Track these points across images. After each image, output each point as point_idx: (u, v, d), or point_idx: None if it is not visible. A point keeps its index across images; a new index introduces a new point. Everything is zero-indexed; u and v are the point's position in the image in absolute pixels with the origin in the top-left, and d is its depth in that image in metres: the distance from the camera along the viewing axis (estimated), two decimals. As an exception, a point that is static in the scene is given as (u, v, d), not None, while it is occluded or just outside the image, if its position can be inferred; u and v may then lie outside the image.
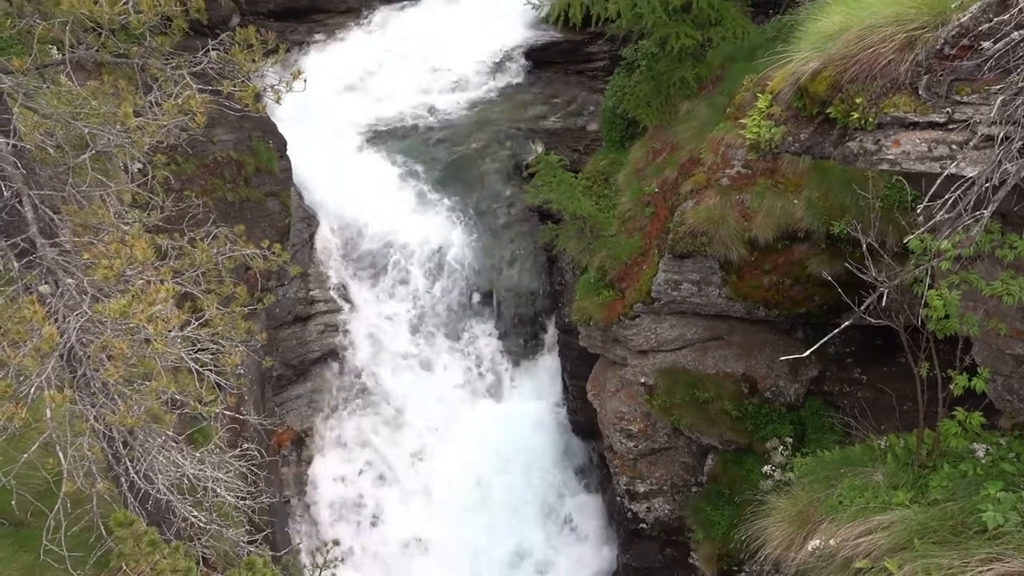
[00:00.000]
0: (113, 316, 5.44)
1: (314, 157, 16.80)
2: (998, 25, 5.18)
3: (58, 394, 5.39)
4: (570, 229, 13.32)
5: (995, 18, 5.20)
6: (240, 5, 18.18)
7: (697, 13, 13.16)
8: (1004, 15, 5.15)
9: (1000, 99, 5.16)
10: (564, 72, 20.83)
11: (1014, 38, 5.10)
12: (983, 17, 5.29)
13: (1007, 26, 5.15)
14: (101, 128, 6.31)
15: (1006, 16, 5.14)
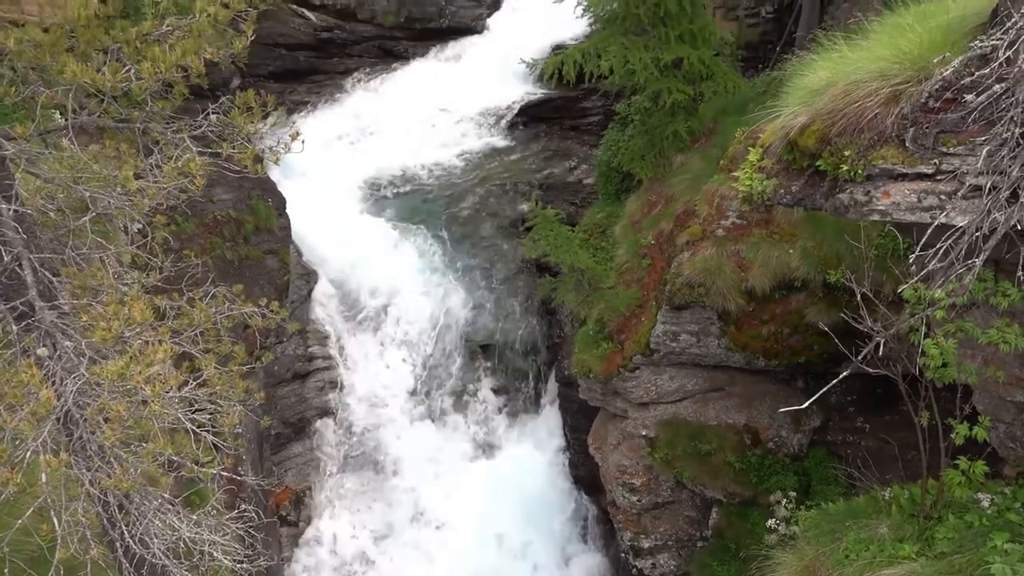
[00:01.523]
0: (111, 378, 5.44)
1: (313, 214, 16.96)
2: (980, 79, 5.30)
3: (54, 458, 5.35)
4: (568, 282, 13.38)
5: (976, 72, 5.32)
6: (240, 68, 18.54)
7: (688, 69, 13.46)
8: (985, 69, 5.27)
9: (986, 150, 5.25)
10: (560, 127, 21.20)
11: (996, 91, 5.21)
12: (965, 71, 5.42)
13: (989, 79, 5.27)
14: (102, 191, 6.40)
15: (987, 70, 5.26)
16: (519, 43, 19.60)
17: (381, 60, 22.25)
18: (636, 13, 13.04)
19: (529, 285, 16.80)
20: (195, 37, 6.18)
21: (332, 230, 17.08)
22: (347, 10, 21.51)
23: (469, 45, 22.29)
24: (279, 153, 6.90)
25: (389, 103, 20.57)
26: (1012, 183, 5.15)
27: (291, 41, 20.80)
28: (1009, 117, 5.16)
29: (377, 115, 20.23)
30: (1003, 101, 5.21)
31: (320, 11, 21.25)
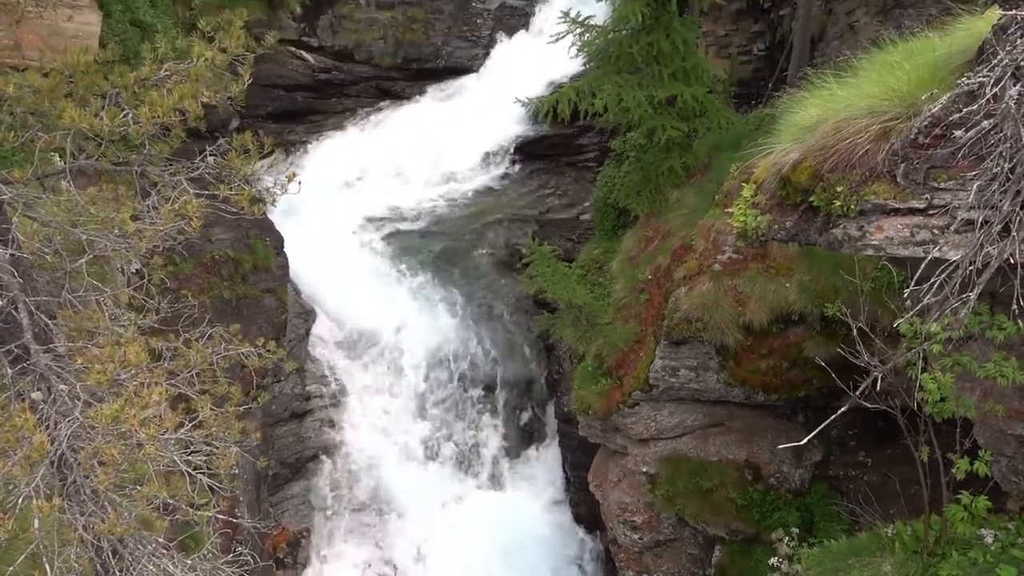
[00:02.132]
0: (105, 421, 5.40)
1: (311, 253, 17.02)
2: (968, 115, 5.36)
3: (47, 503, 5.29)
4: (566, 318, 13.37)
5: (965, 108, 5.38)
6: (239, 109, 18.76)
7: (682, 106, 13.61)
8: (973, 105, 5.34)
9: (976, 184, 5.29)
10: (556, 164, 21.37)
11: (984, 127, 5.27)
12: (953, 107, 5.48)
13: (977, 115, 5.33)
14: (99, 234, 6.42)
15: (975, 106, 5.32)
16: (515, 82, 19.81)
17: (378, 100, 22.49)
18: (629, 52, 13.23)
19: (527, 321, 16.79)
20: (193, 81, 6.25)
21: (330, 268, 17.12)
22: (345, 51, 21.80)
23: (465, 84, 22.55)
24: (276, 194, 6.94)
25: (387, 142, 20.75)
26: (1003, 217, 5.19)
27: (289, 82, 21.04)
28: (998, 152, 5.21)
29: (375, 154, 20.40)
30: (992, 137, 5.27)
31: (318, 53, 21.53)
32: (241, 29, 6.75)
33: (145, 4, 14.95)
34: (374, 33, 22.04)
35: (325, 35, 21.48)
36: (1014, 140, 5.11)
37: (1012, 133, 5.13)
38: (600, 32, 13.75)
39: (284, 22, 20.11)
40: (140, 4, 14.71)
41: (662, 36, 13.09)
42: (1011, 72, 5.22)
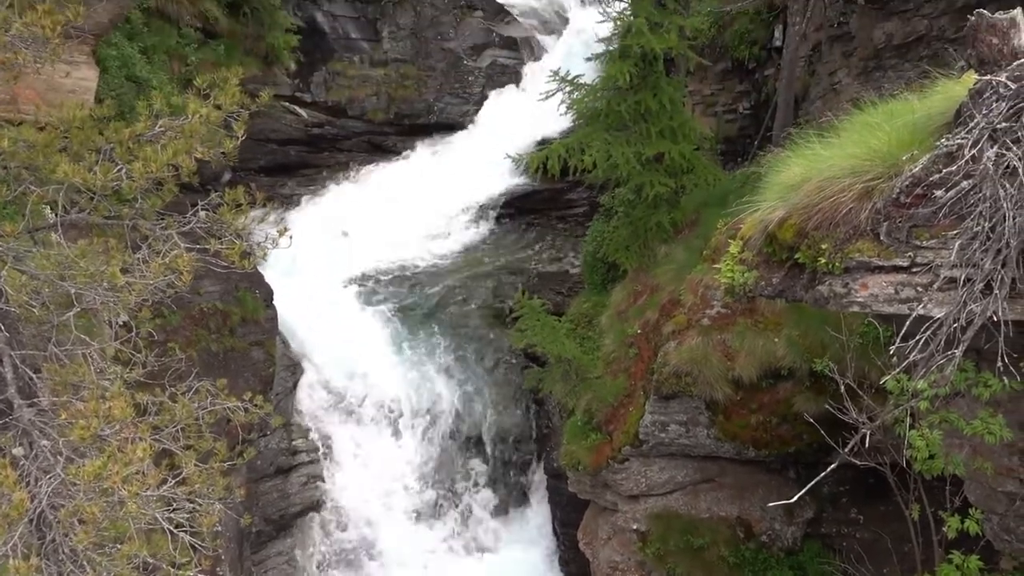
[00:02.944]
0: (87, 478, 5.33)
1: (301, 305, 16.99)
2: (948, 175, 5.47)
3: (24, 563, 5.17)
4: (555, 372, 13.34)
5: (944, 169, 5.50)
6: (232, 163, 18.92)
7: (669, 163, 13.84)
8: (952, 166, 5.45)
9: (958, 243, 5.37)
10: (546, 218, 21.60)
11: (963, 187, 5.38)
12: (933, 168, 5.60)
13: (956, 176, 5.44)
14: (87, 287, 6.42)
15: (954, 167, 5.44)
16: (505, 138, 20.14)
17: (370, 154, 22.80)
18: (618, 110, 13.50)
19: (517, 375, 16.72)
20: (187, 137, 6.34)
21: (319, 321, 17.09)
22: (338, 107, 22.16)
23: (456, 140, 22.90)
24: (267, 249, 6.98)
25: (378, 196, 20.95)
26: (985, 275, 5.25)
27: (282, 136, 21.31)
28: (978, 212, 5.31)
29: (366, 207, 20.57)
30: (971, 197, 5.37)
31: (311, 108, 21.87)
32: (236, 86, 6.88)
33: (141, 60, 15.18)
34: (367, 89, 22.45)
35: (319, 91, 21.86)
36: (993, 200, 5.21)
37: (991, 193, 5.23)
38: (589, 91, 14.05)
39: (279, 78, 20.46)
40: (136, 60, 14.93)
41: (649, 95, 13.38)
42: (988, 134, 5.35)
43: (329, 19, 21.99)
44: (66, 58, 12.46)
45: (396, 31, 22.95)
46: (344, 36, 22.31)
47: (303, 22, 21.05)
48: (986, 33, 5.57)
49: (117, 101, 12.02)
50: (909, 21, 15.24)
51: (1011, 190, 5.15)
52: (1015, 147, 5.21)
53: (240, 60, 17.97)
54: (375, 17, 22.66)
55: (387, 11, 22.71)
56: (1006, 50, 5.55)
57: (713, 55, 18.73)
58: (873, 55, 15.88)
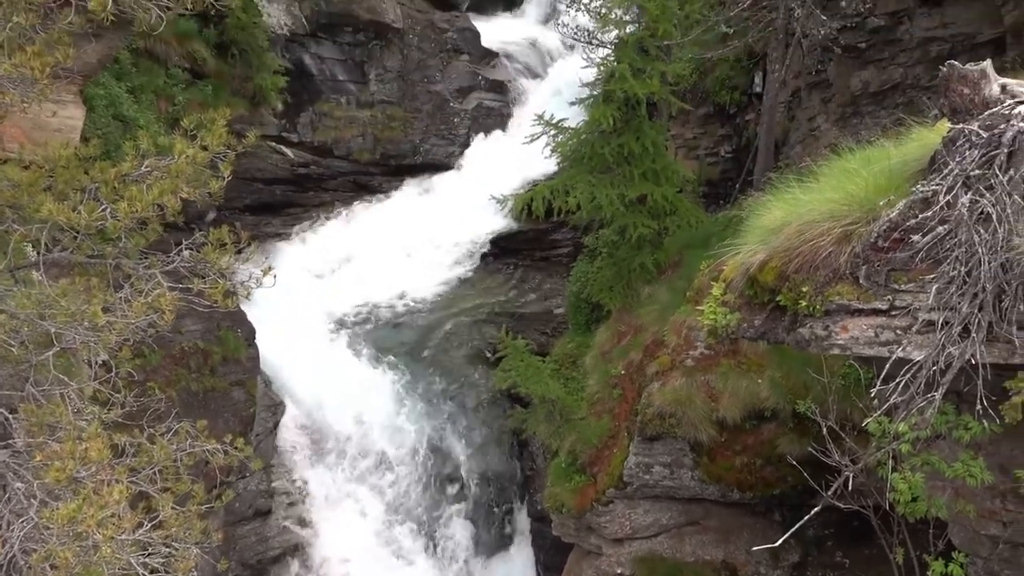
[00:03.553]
0: (61, 522, 5.22)
1: (283, 345, 16.87)
2: (924, 221, 5.57)
3: (-8, 610, 5.04)
4: (539, 413, 13.28)
5: (920, 214, 5.60)
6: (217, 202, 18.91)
7: (652, 205, 14.00)
8: (928, 212, 5.56)
9: (935, 287, 5.46)
10: (530, 259, 21.69)
11: (939, 232, 5.48)
12: (910, 213, 5.70)
13: (932, 221, 5.54)
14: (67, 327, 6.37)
15: (930, 212, 5.55)
16: (490, 179, 20.32)
17: (356, 194, 22.88)
18: (602, 153, 13.68)
19: (500, 415, 16.63)
20: (173, 177, 6.36)
21: (302, 361, 16.96)
22: (324, 147, 22.29)
23: (442, 181, 23.06)
24: (251, 288, 6.96)
25: (362, 236, 20.98)
26: (963, 319, 5.33)
27: (268, 176, 21.35)
28: (954, 256, 5.40)
29: (350, 247, 20.59)
30: (947, 241, 5.47)
31: (298, 148, 21.98)
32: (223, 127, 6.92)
33: (128, 100, 15.26)
34: (353, 130, 22.63)
35: (305, 131, 21.99)
36: (968, 245, 5.31)
37: (966, 239, 5.34)
38: (573, 134, 14.25)
39: (266, 118, 20.58)
40: (124, 99, 15.01)
41: (632, 139, 13.59)
42: (962, 181, 5.48)
43: (317, 61, 22.24)
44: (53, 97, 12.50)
45: (383, 73, 23.23)
46: (331, 78, 22.54)
47: (291, 64, 21.25)
48: (958, 83, 5.73)
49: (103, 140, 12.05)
50: (885, 69, 15.63)
51: (985, 236, 5.26)
52: (988, 194, 5.33)
53: (227, 101, 18.09)
54: (362, 60, 22.94)
55: (374, 54, 23.01)
56: (977, 100, 5.70)
57: (695, 100, 19.08)
58: (851, 102, 16.25)
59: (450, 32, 24.28)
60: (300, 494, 15.79)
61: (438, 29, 24.13)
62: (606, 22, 14.41)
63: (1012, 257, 5.22)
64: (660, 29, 13.49)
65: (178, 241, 7.37)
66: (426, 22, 23.99)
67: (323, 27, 21.90)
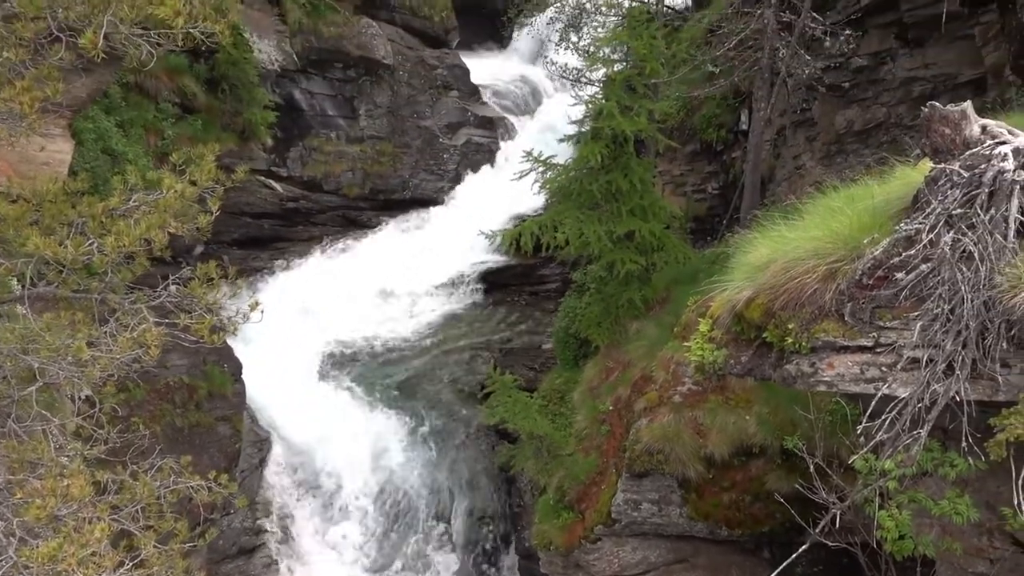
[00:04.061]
0: (41, 561, 5.12)
1: (270, 380, 16.76)
2: (908, 259, 5.64)
3: (-33, 653, 4.92)
4: (527, 449, 13.20)
5: (904, 252, 5.68)
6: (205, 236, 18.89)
7: (640, 241, 14.08)
8: (911, 250, 5.63)
9: (919, 324, 5.51)
10: (519, 293, 21.73)
11: (923, 270, 5.55)
12: (893, 251, 5.78)
13: (916, 259, 5.61)
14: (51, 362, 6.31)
15: (913, 251, 5.62)
16: (479, 214, 20.43)
17: (345, 228, 22.94)
18: (590, 190, 13.79)
19: (488, 452, 16.51)
20: (161, 212, 6.36)
21: (288, 396, 16.83)
22: (313, 182, 22.39)
23: (431, 216, 23.18)
24: (237, 323, 6.94)
25: (351, 270, 20.99)
26: (947, 356, 5.37)
27: (257, 210, 21.40)
28: (938, 294, 5.47)
29: (338, 282, 20.56)
30: (931, 279, 5.53)
31: (287, 182, 22.07)
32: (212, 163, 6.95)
33: (117, 134, 15.29)
34: (343, 165, 22.76)
35: (295, 166, 22.10)
36: (951, 283, 5.37)
37: (949, 276, 5.40)
38: (561, 170, 14.36)
39: (255, 153, 20.68)
40: (113, 133, 15.04)
41: (620, 175, 13.71)
42: (944, 220, 5.56)
43: (307, 96, 22.44)
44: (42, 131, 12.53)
45: (373, 109, 23.45)
46: (321, 113, 22.73)
47: (281, 99, 21.43)
48: (939, 124, 5.85)
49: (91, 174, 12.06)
50: (869, 108, 15.92)
51: (968, 274, 5.33)
52: (970, 232, 5.41)
53: (217, 135, 18.19)
54: (352, 95, 23.16)
55: (364, 90, 23.24)
56: (958, 140, 5.81)
57: (682, 137, 19.32)
58: (835, 140, 16.51)
59: (440, 69, 24.60)
60: (285, 532, 15.55)
61: (428, 66, 24.44)
62: (594, 61, 14.65)
63: (994, 295, 5.28)
64: (648, 68, 13.70)
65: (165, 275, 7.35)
66: (416, 59, 24.30)
67: (313, 63, 22.15)
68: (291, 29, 21.06)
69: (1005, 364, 5.41)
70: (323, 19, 21.91)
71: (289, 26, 20.97)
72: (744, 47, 14.99)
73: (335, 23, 22.16)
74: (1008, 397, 5.43)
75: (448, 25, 25.68)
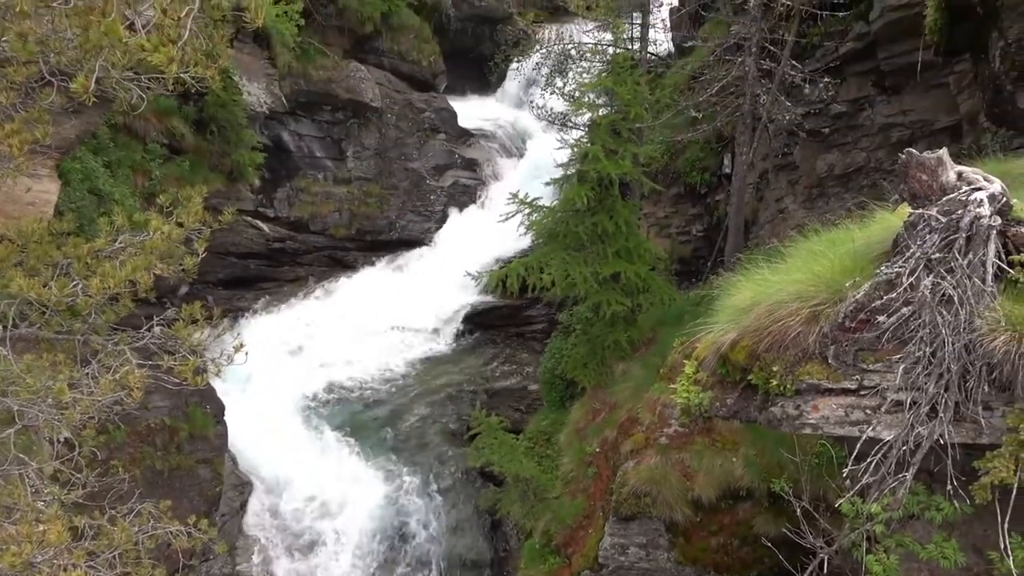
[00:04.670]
0: (13, 610, 5.00)
1: (253, 421, 16.57)
2: (889, 302, 5.70)
3: None
4: (513, 492, 13.07)
5: (885, 296, 5.74)
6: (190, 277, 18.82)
7: (626, 282, 14.16)
8: (892, 293, 5.69)
9: (902, 367, 5.55)
10: (505, 334, 21.70)
11: (904, 313, 5.60)
12: (875, 294, 5.83)
13: (897, 303, 5.67)
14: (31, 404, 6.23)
15: (894, 294, 5.68)
16: (466, 255, 20.50)
17: (331, 269, 22.94)
18: (576, 231, 13.90)
19: (474, 494, 16.32)
20: (147, 254, 6.35)
21: (271, 438, 16.63)
22: (300, 222, 22.43)
23: (417, 256, 23.22)
24: (221, 365, 6.89)
25: (336, 311, 20.92)
26: (930, 399, 5.41)
27: (243, 250, 21.38)
28: (919, 337, 5.52)
29: (323, 322, 20.48)
30: (912, 322, 5.59)
31: (274, 222, 22.10)
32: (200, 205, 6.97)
33: (104, 174, 15.29)
34: (330, 206, 22.85)
35: (282, 206, 22.16)
36: (932, 326, 5.43)
37: (930, 320, 5.46)
38: (548, 212, 14.49)
39: (243, 194, 20.73)
40: (100, 174, 15.04)
41: (606, 217, 13.84)
42: (924, 264, 5.63)
43: (295, 138, 22.60)
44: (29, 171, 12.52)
45: (360, 151, 23.63)
46: (309, 154, 22.88)
47: (269, 140, 21.57)
48: (916, 170, 5.96)
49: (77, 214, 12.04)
50: (849, 153, 16.21)
51: (948, 317, 5.39)
52: (949, 276, 5.48)
53: (205, 176, 18.24)
54: (340, 137, 23.35)
55: (352, 131, 23.45)
56: (935, 186, 5.92)
57: (666, 180, 19.55)
58: (817, 183, 16.76)
59: (428, 112, 24.88)
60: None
61: (416, 109, 24.73)
62: (580, 105, 14.87)
63: (975, 338, 5.34)
64: (632, 112, 13.93)
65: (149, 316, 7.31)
66: (404, 102, 24.58)
67: (302, 105, 22.36)
68: (280, 72, 21.29)
69: (987, 407, 5.45)
70: (312, 63, 22.18)
71: (279, 69, 21.21)
72: (726, 93, 15.28)
73: (324, 67, 22.44)
74: (991, 440, 5.46)
75: (436, 69, 26.05)
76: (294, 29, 20.71)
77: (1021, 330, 5.26)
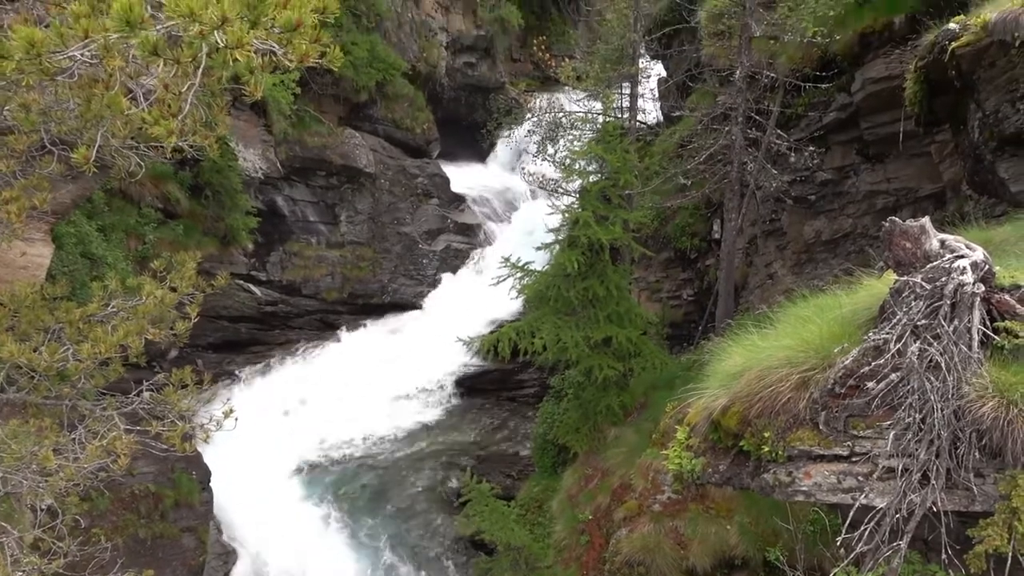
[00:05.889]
0: None
1: (239, 488, 16.29)
2: (877, 368, 5.73)
3: None
4: (504, 561, 12.83)
5: (873, 362, 5.77)
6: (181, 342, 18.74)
7: (617, 347, 14.19)
8: (880, 359, 5.73)
9: (892, 434, 5.54)
10: (496, 399, 21.57)
11: (893, 379, 5.63)
12: (863, 360, 5.86)
13: (885, 369, 5.70)
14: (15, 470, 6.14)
15: (882, 360, 5.71)
16: (457, 319, 20.52)
17: (321, 332, 22.90)
18: (567, 296, 13.99)
19: (464, 565, 15.98)
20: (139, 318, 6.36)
21: (258, 505, 16.32)
22: (292, 286, 22.48)
23: (409, 320, 23.23)
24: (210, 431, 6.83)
25: (326, 375, 20.80)
26: (921, 466, 5.39)
27: (234, 313, 21.35)
28: (908, 403, 5.53)
29: (314, 387, 20.34)
30: (901, 388, 5.61)
31: (266, 286, 22.14)
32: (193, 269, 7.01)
33: (98, 238, 15.36)
34: (322, 269, 22.94)
35: (275, 270, 22.24)
36: (921, 393, 5.45)
37: (918, 386, 5.48)
38: (539, 276, 14.59)
39: (235, 257, 20.81)
40: (93, 238, 15.10)
41: (597, 282, 13.95)
42: (910, 330, 5.69)
43: (289, 203, 22.82)
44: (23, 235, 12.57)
45: (354, 215, 23.86)
46: (303, 219, 23.08)
47: (263, 205, 21.77)
48: (900, 238, 6.07)
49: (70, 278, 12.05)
50: (835, 219, 16.46)
51: (936, 383, 5.41)
52: (936, 343, 5.53)
53: (198, 240, 18.33)
54: (334, 202, 23.60)
55: (346, 196, 23.71)
56: (919, 253, 6.02)
57: (657, 245, 19.77)
58: (804, 249, 16.97)
59: (421, 177, 25.24)
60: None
61: (409, 174, 25.08)
62: (570, 172, 15.14)
63: (963, 405, 5.36)
64: (622, 179, 14.18)
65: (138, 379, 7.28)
66: (397, 167, 24.95)
67: (297, 170, 22.65)
68: (276, 139, 21.64)
69: (979, 474, 5.43)
70: (308, 130, 22.57)
71: (275, 136, 21.56)
72: (714, 161, 15.60)
73: (319, 133, 22.83)
74: (984, 507, 5.43)
75: (429, 136, 26.54)
76: (290, 97, 21.13)
77: (1009, 396, 5.29)
